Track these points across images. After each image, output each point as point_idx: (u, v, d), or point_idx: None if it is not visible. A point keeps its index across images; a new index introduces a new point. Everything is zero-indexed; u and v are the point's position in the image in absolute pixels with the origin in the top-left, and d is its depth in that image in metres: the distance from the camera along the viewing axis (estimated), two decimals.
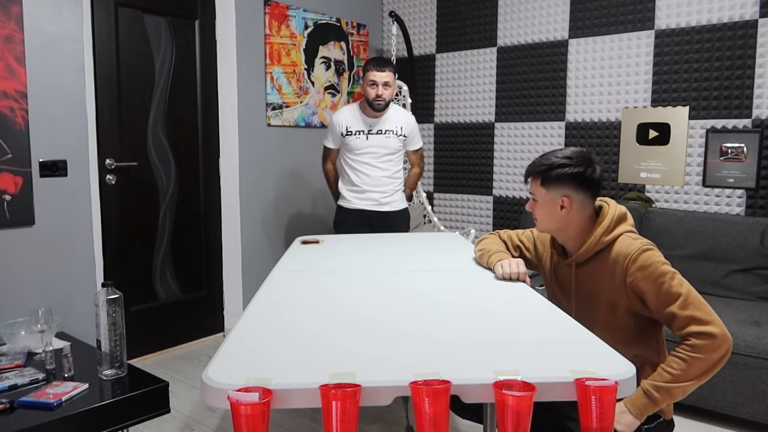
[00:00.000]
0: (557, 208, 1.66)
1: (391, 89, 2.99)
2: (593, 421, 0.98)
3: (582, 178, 1.63)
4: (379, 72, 2.95)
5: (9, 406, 1.69)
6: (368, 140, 3.06)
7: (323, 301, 1.57)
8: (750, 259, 2.89)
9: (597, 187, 1.66)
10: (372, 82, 2.96)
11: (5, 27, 2.53)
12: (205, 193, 3.58)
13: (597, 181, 1.65)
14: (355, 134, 3.07)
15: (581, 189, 1.64)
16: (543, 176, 1.67)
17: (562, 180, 1.64)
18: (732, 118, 3.13)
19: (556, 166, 1.65)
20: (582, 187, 1.64)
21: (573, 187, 1.64)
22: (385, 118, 3.07)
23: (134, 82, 3.17)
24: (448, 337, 1.26)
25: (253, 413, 0.93)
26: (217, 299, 3.70)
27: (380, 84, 2.95)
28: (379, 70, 2.95)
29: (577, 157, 1.64)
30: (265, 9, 3.65)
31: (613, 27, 3.47)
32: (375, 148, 3.07)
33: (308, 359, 1.13)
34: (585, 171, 1.63)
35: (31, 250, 2.69)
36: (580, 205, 1.65)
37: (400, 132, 3.09)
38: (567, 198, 1.64)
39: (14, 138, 2.59)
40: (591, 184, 1.64)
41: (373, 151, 3.08)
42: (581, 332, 1.29)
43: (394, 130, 3.07)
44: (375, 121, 3.06)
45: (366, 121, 3.07)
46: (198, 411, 2.69)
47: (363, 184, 3.12)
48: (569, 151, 1.67)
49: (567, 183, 1.64)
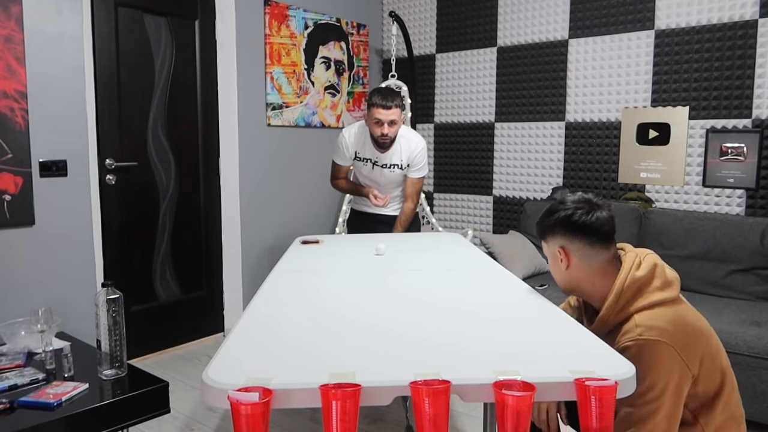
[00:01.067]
0: (558, 262, 1.49)
1: (397, 126, 2.81)
2: (593, 421, 0.98)
3: (570, 223, 1.44)
4: (384, 110, 2.73)
5: (9, 406, 1.69)
6: (373, 170, 2.98)
7: (323, 301, 1.57)
8: (750, 259, 2.89)
9: (594, 233, 1.43)
10: (377, 120, 2.76)
11: (5, 27, 2.53)
12: (205, 193, 3.58)
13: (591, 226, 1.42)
14: (363, 161, 2.98)
15: (575, 237, 1.44)
16: (540, 228, 1.53)
17: (553, 228, 1.48)
18: (732, 118, 3.13)
19: (548, 214, 1.50)
20: (576, 234, 1.43)
21: (564, 235, 1.45)
22: (392, 152, 2.92)
23: (134, 82, 3.17)
24: (448, 337, 1.26)
25: (253, 413, 0.93)
26: (217, 299, 3.70)
27: (386, 123, 2.75)
28: (384, 108, 2.73)
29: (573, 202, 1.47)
30: (265, 9, 3.65)
31: (613, 27, 3.47)
32: (379, 177, 2.99)
33: (308, 359, 1.13)
34: (573, 214, 1.43)
35: (31, 250, 2.69)
36: (579, 256, 1.45)
37: (404, 165, 2.95)
38: (563, 249, 1.47)
39: (14, 138, 2.59)
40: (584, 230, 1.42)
41: (377, 180, 3.01)
42: (581, 332, 1.29)
43: (399, 164, 2.94)
44: (382, 156, 2.94)
45: (373, 151, 2.94)
46: (198, 411, 2.69)
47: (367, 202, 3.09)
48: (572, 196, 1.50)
49: (558, 231, 1.47)
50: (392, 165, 2.94)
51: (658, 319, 1.33)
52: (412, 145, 2.93)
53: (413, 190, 3.01)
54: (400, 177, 3.00)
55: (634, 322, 1.34)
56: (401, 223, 3.02)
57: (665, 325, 1.32)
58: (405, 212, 3.02)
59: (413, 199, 3.02)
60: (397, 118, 2.79)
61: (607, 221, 1.43)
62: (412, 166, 2.96)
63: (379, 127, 2.78)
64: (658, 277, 1.40)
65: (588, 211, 1.43)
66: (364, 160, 2.97)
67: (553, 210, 1.48)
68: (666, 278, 1.41)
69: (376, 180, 3.01)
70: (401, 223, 3.02)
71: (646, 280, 1.39)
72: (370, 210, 3.11)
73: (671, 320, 1.34)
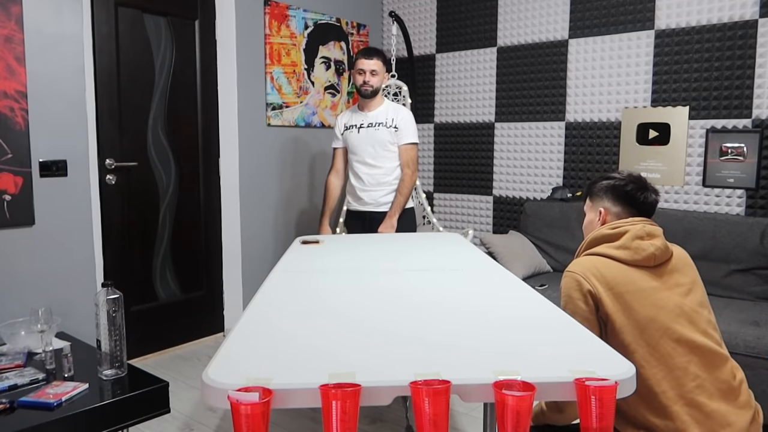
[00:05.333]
0: (596, 220, 1.70)
1: (378, 77, 3.01)
2: (593, 421, 0.98)
3: (622, 193, 1.64)
4: (366, 60, 2.98)
5: (9, 406, 1.69)
6: (359, 134, 3.08)
7: (323, 300, 1.57)
8: (750, 259, 2.89)
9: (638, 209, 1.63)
10: (360, 70, 2.99)
11: (5, 27, 2.53)
12: (205, 193, 3.58)
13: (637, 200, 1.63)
14: (350, 129, 3.12)
15: (619, 204, 1.64)
16: (592, 188, 1.73)
17: (606, 192, 1.67)
18: (732, 118, 3.13)
19: (603, 179, 1.70)
20: (621, 203, 1.64)
21: (612, 200, 1.66)
22: (378, 112, 3.08)
23: (134, 82, 3.17)
24: (448, 337, 1.26)
25: (253, 413, 0.93)
26: (217, 299, 3.70)
27: (367, 71, 2.97)
28: (367, 58, 2.98)
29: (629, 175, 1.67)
30: (265, 9, 3.65)
31: (613, 27, 3.47)
32: (366, 143, 3.07)
33: (308, 359, 1.13)
34: (627, 185, 1.64)
35: (31, 250, 2.69)
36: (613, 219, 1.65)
37: (390, 123, 3.04)
38: (605, 210, 1.67)
39: (14, 138, 2.59)
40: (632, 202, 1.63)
41: (365, 147, 3.07)
42: (581, 332, 1.29)
43: (384, 122, 3.05)
44: (367, 116, 3.08)
45: (360, 115, 3.10)
46: (198, 411, 2.69)
47: (359, 185, 3.12)
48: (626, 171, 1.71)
49: (609, 196, 1.66)
50: (378, 123, 3.05)
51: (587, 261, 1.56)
52: (399, 110, 3.09)
53: (407, 157, 3.07)
54: (386, 137, 3.04)
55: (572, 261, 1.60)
56: (401, 191, 3.06)
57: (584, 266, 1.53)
58: (403, 180, 3.07)
59: (409, 166, 3.08)
60: (379, 70, 3.00)
61: (652, 204, 1.64)
62: (401, 129, 3.05)
63: (361, 76, 2.99)
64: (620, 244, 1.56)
65: (640, 188, 1.63)
66: (351, 128, 3.11)
67: (609, 177, 1.69)
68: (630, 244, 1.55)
69: (362, 147, 3.08)
70: (401, 192, 3.05)
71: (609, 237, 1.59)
72: (362, 208, 3.16)
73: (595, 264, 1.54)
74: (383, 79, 3.06)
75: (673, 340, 1.46)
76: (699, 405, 1.43)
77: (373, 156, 3.07)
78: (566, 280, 1.56)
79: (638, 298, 1.49)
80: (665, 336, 1.46)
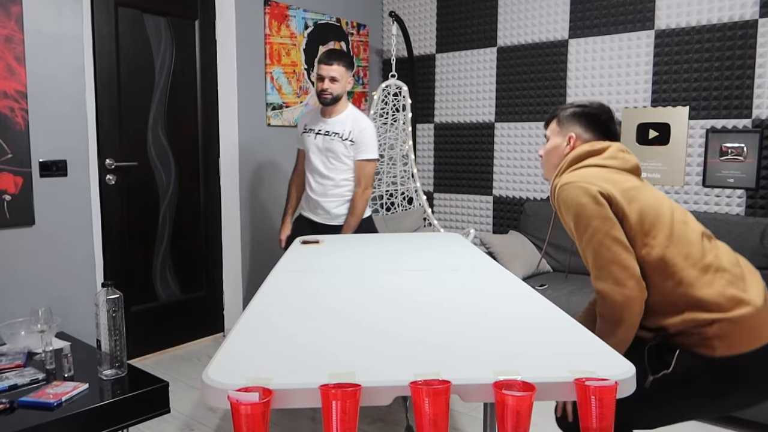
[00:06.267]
0: (563, 145, 1.71)
1: (340, 84, 2.82)
2: (593, 421, 0.98)
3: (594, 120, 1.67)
4: (326, 66, 2.79)
5: (9, 406, 1.69)
6: (315, 140, 2.91)
7: (323, 300, 1.57)
8: (750, 259, 2.89)
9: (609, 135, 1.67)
10: (319, 76, 2.82)
11: (5, 27, 2.53)
12: (205, 193, 3.58)
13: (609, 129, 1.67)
14: (308, 132, 2.95)
15: (591, 131, 1.67)
16: (561, 113, 1.74)
17: (577, 117, 1.70)
18: (732, 118, 3.13)
19: (575, 106, 1.73)
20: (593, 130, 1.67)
21: (583, 126, 1.68)
22: (337, 120, 2.88)
23: (134, 82, 3.17)
24: (448, 337, 1.26)
25: (253, 413, 0.93)
26: (217, 299, 3.70)
27: (327, 78, 2.79)
28: (326, 64, 2.79)
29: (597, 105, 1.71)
30: (265, 9, 3.65)
31: (613, 27, 3.47)
32: (319, 150, 2.90)
33: (308, 359, 1.13)
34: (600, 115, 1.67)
35: (31, 250, 2.69)
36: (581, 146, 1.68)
37: (347, 136, 2.85)
38: (575, 136, 1.69)
39: (14, 138, 2.59)
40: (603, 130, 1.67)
41: (318, 155, 2.91)
42: (581, 332, 1.29)
43: (340, 133, 2.85)
44: (326, 122, 2.90)
45: (319, 120, 2.93)
46: (198, 411, 2.69)
47: (309, 191, 2.98)
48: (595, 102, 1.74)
49: (580, 122, 1.69)
50: (334, 133, 2.87)
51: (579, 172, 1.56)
52: (360, 121, 2.88)
53: (361, 173, 2.88)
54: (340, 150, 2.86)
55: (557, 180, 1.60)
56: (352, 212, 2.89)
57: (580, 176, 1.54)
58: (354, 199, 2.89)
59: (361, 184, 2.88)
60: (339, 76, 2.80)
61: (618, 136, 1.71)
62: (358, 143, 2.85)
63: (320, 83, 2.81)
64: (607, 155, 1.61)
65: (611, 119, 1.69)
66: (309, 131, 2.94)
67: (580, 105, 1.72)
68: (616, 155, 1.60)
69: (316, 153, 2.90)
70: (352, 212, 2.88)
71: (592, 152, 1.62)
72: (315, 218, 3.00)
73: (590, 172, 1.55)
74: (345, 86, 2.86)
75: (682, 222, 1.51)
76: (725, 269, 1.46)
77: (324, 165, 2.90)
78: (567, 192, 1.53)
79: (640, 191, 1.53)
80: (674, 220, 1.50)
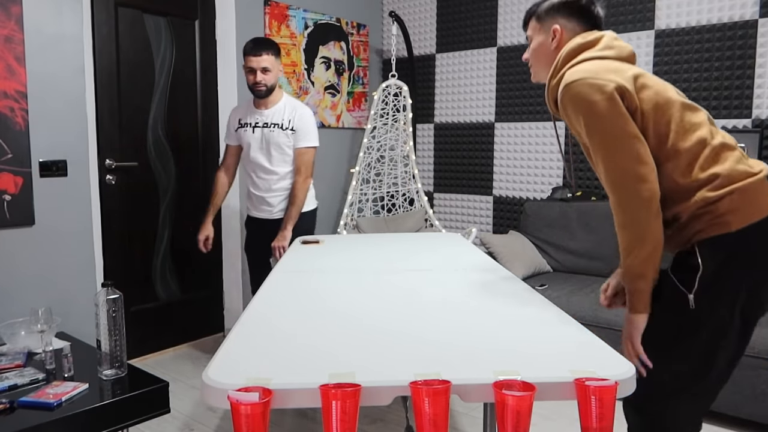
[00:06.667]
0: (549, 41, 1.56)
1: (272, 73, 2.70)
2: (593, 421, 0.98)
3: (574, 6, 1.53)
4: (255, 57, 2.66)
5: (9, 406, 1.69)
6: (254, 134, 2.80)
7: (323, 300, 1.57)
8: None
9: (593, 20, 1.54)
10: (249, 69, 2.69)
11: (5, 27, 2.53)
12: (206, 193, 3.57)
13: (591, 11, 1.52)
14: (244, 127, 2.84)
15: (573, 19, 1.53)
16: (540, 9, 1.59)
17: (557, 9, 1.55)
18: (732, 118, 3.13)
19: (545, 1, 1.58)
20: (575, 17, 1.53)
21: (565, 16, 1.54)
22: (275, 110, 2.78)
23: (134, 82, 3.17)
24: (448, 337, 1.26)
25: (253, 413, 0.93)
26: (217, 299, 3.70)
27: (258, 70, 2.66)
28: (255, 55, 2.65)
29: None
30: (265, 9, 3.65)
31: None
32: (260, 144, 2.80)
33: (308, 359, 1.13)
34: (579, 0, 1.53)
35: (31, 250, 2.70)
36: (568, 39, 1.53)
37: (288, 125, 2.76)
38: (560, 29, 1.54)
39: (14, 138, 2.59)
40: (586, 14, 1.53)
41: (259, 150, 2.81)
42: (581, 332, 1.29)
43: (280, 123, 2.76)
44: (263, 114, 2.80)
45: (255, 113, 2.82)
46: (198, 411, 2.69)
47: (253, 189, 2.89)
48: None
49: (561, 13, 1.54)
50: (273, 124, 2.77)
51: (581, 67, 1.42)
52: (298, 108, 2.79)
53: (300, 161, 2.78)
54: (283, 141, 2.77)
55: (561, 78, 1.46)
56: (293, 201, 2.79)
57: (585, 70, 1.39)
58: (294, 188, 2.79)
59: (302, 172, 2.79)
60: (270, 66, 2.68)
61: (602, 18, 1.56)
62: (298, 131, 2.76)
63: (252, 75, 2.69)
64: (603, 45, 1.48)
65: (592, 1, 1.54)
66: (245, 125, 2.83)
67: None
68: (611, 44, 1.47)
69: (256, 148, 2.81)
70: (293, 202, 2.79)
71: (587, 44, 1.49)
72: (259, 215, 2.93)
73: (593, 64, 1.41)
74: (278, 74, 2.74)
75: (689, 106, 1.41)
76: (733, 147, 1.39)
77: (267, 159, 2.80)
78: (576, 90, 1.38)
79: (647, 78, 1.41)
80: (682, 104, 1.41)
